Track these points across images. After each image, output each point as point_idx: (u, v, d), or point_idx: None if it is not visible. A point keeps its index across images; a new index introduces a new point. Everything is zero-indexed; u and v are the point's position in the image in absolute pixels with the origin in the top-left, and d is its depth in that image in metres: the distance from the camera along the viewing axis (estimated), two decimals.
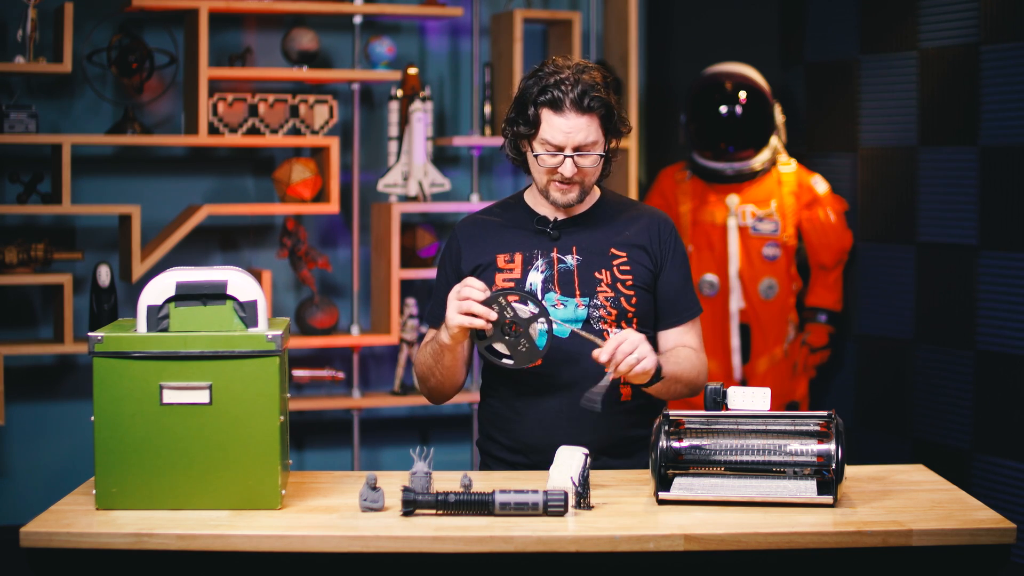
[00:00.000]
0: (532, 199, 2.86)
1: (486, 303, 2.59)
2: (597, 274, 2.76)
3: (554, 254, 2.78)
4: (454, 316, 2.60)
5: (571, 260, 2.77)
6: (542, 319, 2.60)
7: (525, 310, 2.60)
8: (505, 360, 2.63)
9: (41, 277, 4.34)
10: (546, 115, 2.69)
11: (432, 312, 2.88)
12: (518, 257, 2.79)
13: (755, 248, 4.89)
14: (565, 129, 2.68)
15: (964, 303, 4.46)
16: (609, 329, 2.73)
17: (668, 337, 2.84)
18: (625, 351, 2.57)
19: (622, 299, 2.75)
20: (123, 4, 4.45)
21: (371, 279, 4.89)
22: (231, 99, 4.54)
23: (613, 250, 2.79)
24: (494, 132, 4.91)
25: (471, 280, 2.62)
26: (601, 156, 2.72)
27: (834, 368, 5.06)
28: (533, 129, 2.71)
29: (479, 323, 2.59)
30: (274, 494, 2.38)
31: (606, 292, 2.75)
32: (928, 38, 4.58)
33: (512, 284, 2.76)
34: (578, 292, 2.75)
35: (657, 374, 2.64)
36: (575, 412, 2.71)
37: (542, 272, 2.76)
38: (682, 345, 2.82)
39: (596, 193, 2.87)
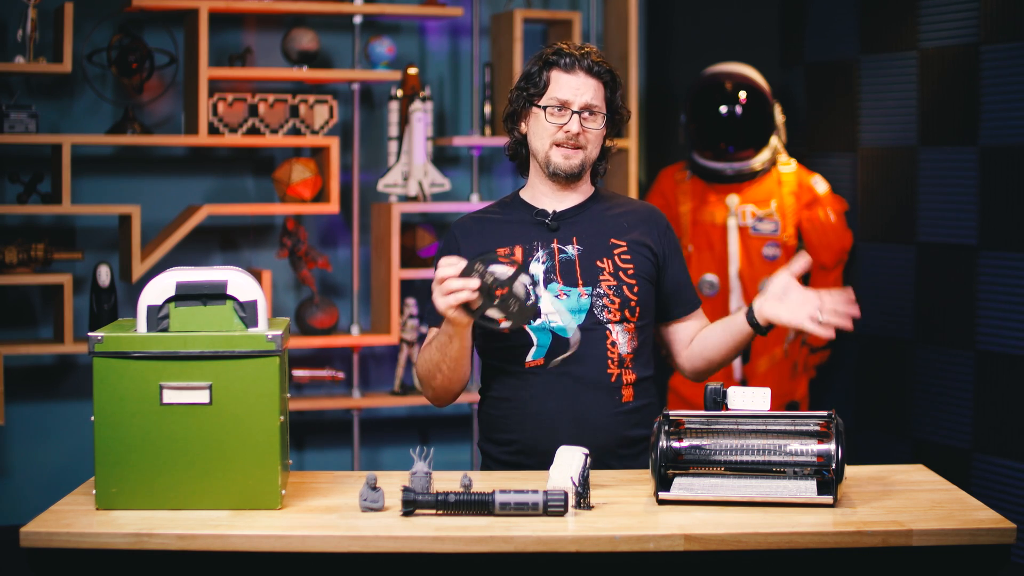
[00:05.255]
0: (529, 195, 2.88)
1: (464, 274, 2.56)
2: (599, 263, 2.78)
3: (554, 244, 2.80)
4: (441, 301, 2.58)
5: (572, 250, 2.79)
6: (524, 274, 2.58)
7: (504, 271, 2.57)
8: (504, 324, 2.59)
9: (41, 277, 4.34)
10: (556, 75, 2.79)
11: (431, 311, 2.87)
12: (518, 250, 2.80)
13: (755, 248, 4.89)
14: (575, 86, 2.77)
15: (964, 303, 4.45)
16: (611, 325, 2.74)
17: (689, 326, 2.91)
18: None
19: (624, 288, 2.77)
20: (123, 4, 4.45)
21: (371, 279, 4.89)
22: (231, 99, 4.54)
23: (613, 239, 2.82)
24: (494, 132, 4.90)
25: (443, 260, 2.59)
26: (604, 116, 2.79)
27: (834, 368, 5.06)
28: (542, 90, 2.78)
29: (464, 295, 2.55)
30: (274, 494, 2.38)
31: (609, 281, 2.77)
32: (928, 38, 4.58)
33: None
34: (580, 281, 2.76)
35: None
36: (577, 413, 2.72)
37: (543, 263, 2.78)
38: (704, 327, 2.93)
39: (590, 188, 2.90)
